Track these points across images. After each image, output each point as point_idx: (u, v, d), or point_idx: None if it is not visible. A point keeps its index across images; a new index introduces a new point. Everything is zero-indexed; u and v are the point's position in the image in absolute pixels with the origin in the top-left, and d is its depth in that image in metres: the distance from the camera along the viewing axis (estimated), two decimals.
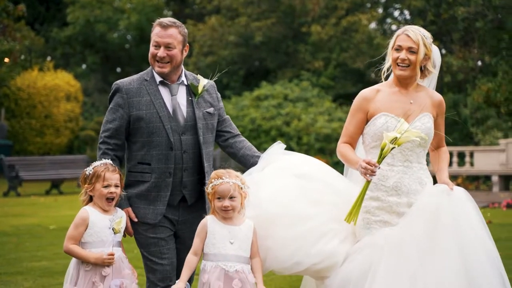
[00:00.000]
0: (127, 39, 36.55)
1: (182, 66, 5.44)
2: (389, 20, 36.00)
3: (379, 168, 4.98)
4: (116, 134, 5.29)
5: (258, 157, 5.45)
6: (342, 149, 5.32)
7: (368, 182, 5.00)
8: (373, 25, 33.82)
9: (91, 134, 31.42)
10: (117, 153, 5.32)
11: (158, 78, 5.37)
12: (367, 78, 33.12)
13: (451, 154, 22.39)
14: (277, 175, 5.23)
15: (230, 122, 5.68)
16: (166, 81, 5.37)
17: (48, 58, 35.99)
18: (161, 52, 5.26)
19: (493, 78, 28.41)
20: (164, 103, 5.32)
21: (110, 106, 5.36)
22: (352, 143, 5.34)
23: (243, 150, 5.56)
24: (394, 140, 4.93)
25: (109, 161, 5.14)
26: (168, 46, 5.26)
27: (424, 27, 5.13)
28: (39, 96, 31.12)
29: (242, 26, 31.59)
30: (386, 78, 5.39)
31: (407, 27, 5.26)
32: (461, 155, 25.76)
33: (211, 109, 5.47)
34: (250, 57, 32.61)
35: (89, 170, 5.09)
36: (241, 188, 4.97)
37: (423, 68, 5.29)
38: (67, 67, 35.00)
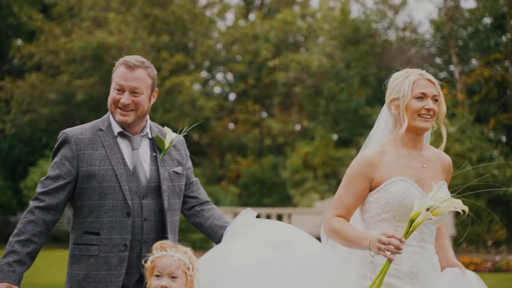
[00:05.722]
0: None
1: (148, 116, 4.49)
2: (212, 83, 36.64)
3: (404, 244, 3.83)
4: (54, 192, 4.20)
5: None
6: (335, 224, 4.10)
7: (389, 262, 3.82)
8: (196, 86, 34.24)
9: None
10: (45, 217, 4.17)
11: (116, 129, 4.36)
12: (189, 140, 33.37)
13: (269, 216, 22.60)
14: (245, 247, 4.13)
15: (198, 186, 4.67)
16: (127, 132, 4.36)
17: None
18: (125, 98, 4.27)
19: (311, 142, 29.55)
20: (123, 159, 4.30)
21: (55, 160, 4.29)
22: (347, 218, 4.13)
23: (211, 219, 4.54)
24: (430, 209, 3.81)
25: None
26: (134, 92, 4.29)
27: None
28: None
29: (64, 84, 30.93)
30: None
31: (418, 70, 4.18)
32: (279, 217, 26.36)
33: (179, 169, 4.48)
34: (71, 115, 31.90)
35: None
36: (188, 268, 3.87)
37: None
38: None
